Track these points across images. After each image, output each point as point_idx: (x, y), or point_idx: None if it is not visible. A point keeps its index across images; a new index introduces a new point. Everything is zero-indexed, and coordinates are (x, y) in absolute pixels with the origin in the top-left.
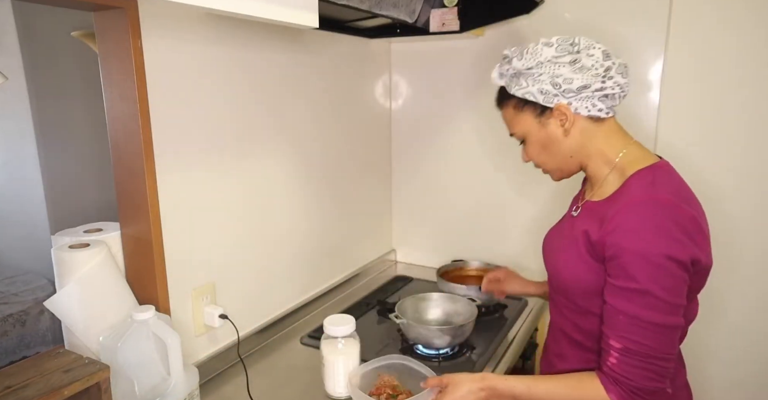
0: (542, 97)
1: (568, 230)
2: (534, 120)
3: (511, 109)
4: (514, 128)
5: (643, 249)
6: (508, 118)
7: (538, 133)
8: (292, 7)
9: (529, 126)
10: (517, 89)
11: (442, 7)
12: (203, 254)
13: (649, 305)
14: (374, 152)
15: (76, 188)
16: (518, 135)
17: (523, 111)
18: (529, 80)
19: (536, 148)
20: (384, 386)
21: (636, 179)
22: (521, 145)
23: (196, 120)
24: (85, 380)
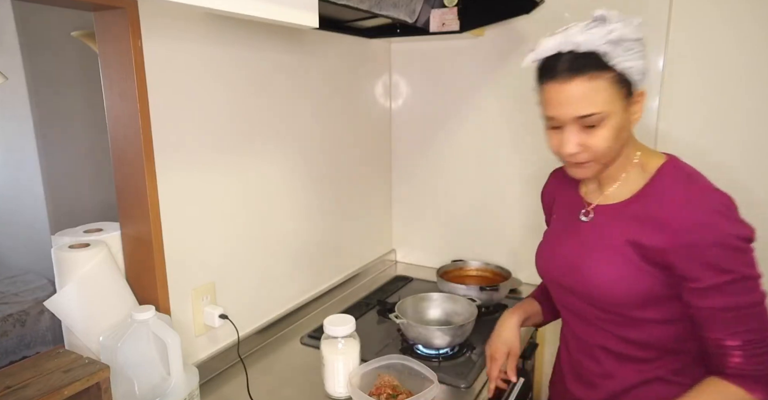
0: (639, 78)
1: (596, 240)
2: (622, 101)
3: (601, 82)
4: (599, 107)
5: (724, 239)
6: (589, 94)
7: (622, 116)
8: (292, 7)
9: (618, 107)
10: (621, 61)
11: (442, 7)
12: (203, 254)
13: (749, 289)
14: (374, 152)
15: (76, 188)
16: (599, 117)
17: (616, 88)
18: (632, 54)
19: (613, 134)
20: (384, 386)
21: (668, 176)
22: (582, 129)
23: (196, 120)
24: (85, 380)
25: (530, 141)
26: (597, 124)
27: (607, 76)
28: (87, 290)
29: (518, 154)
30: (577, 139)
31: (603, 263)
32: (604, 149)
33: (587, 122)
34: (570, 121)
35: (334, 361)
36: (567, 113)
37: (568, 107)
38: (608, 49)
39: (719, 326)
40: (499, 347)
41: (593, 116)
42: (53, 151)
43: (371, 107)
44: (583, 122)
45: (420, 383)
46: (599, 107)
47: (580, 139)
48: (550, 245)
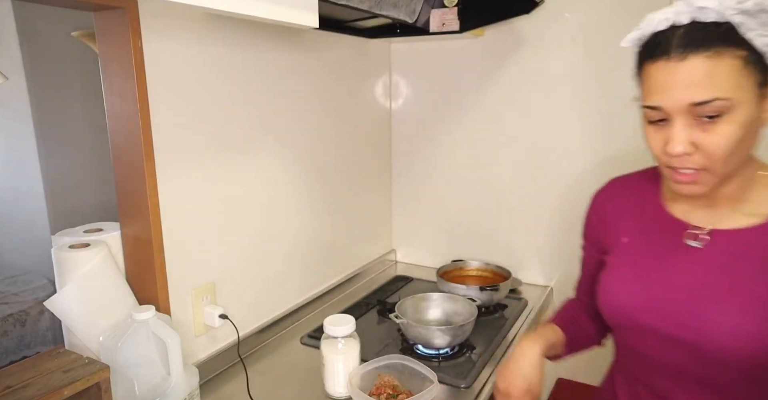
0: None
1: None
2: (755, 90)
3: (729, 61)
4: (725, 91)
5: None
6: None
7: (753, 110)
8: (292, 7)
9: (748, 95)
10: (760, 35)
11: (442, 7)
12: (203, 254)
13: None
14: (374, 152)
15: (76, 188)
16: (724, 105)
17: (748, 72)
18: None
19: (740, 132)
20: (384, 386)
21: None
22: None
23: (197, 120)
24: (85, 380)
25: (530, 141)
26: (718, 115)
27: (737, 54)
28: (87, 290)
29: (518, 154)
30: (690, 136)
31: (740, 310)
32: (724, 152)
33: (705, 112)
34: (681, 111)
35: (334, 361)
36: (678, 100)
37: (679, 92)
38: (742, 19)
39: None
40: (518, 384)
41: (714, 103)
42: (53, 151)
43: (371, 107)
44: (698, 112)
45: (420, 383)
46: (723, 92)
47: (693, 136)
48: (631, 276)
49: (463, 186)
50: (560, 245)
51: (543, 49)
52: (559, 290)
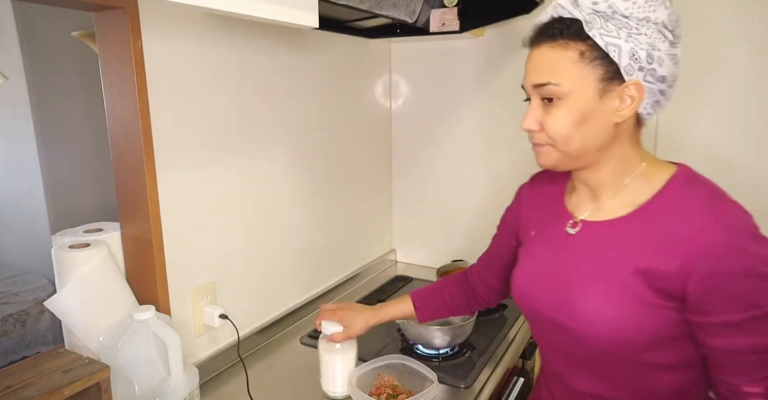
0: (627, 62)
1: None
2: (596, 83)
3: (570, 53)
4: (559, 77)
5: (756, 268)
6: (553, 62)
7: (590, 100)
8: (292, 7)
9: (585, 86)
10: (602, 34)
11: (442, 7)
12: (203, 254)
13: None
14: (374, 152)
15: (76, 188)
16: (557, 90)
17: (587, 64)
18: (623, 32)
19: (573, 118)
20: (384, 386)
21: (682, 188)
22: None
23: (197, 120)
24: (85, 380)
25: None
26: (554, 99)
27: (576, 48)
28: (87, 290)
29: (518, 154)
30: (538, 116)
31: (602, 296)
32: (560, 133)
33: (544, 93)
34: (531, 91)
35: (331, 361)
36: (527, 80)
37: (530, 74)
38: (589, 17)
39: (738, 369)
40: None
41: (548, 86)
42: (53, 151)
43: (371, 107)
44: (541, 94)
45: (420, 383)
46: (557, 78)
47: (540, 116)
48: (529, 266)
49: (463, 186)
50: None
51: None
52: None
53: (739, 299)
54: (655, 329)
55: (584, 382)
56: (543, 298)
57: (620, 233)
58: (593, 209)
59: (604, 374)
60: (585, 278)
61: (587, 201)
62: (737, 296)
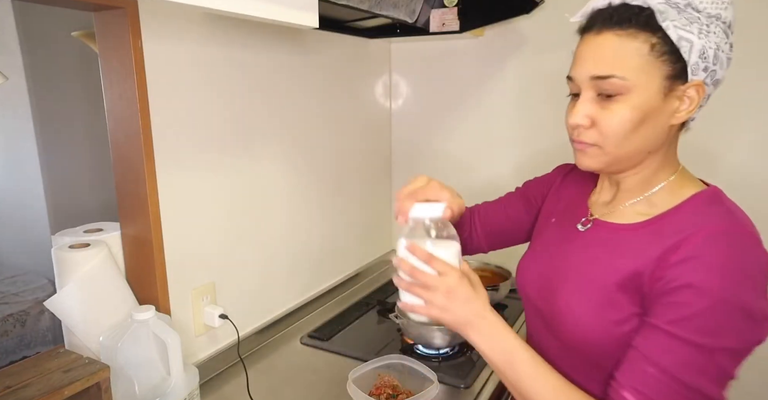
0: (695, 60)
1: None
2: (662, 80)
3: (639, 44)
4: (625, 70)
5: (720, 292)
6: (619, 52)
7: (653, 99)
8: (292, 7)
9: (651, 83)
10: (676, 27)
11: (442, 7)
12: (203, 254)
13: (696, 365)
14: (374, 152)
15: (76, 188)
16: (621, 84)
17: (657, 58)
18: (694, 27)
19: (634, 117)
20: (384, 386)
21: (701, 204)
22: (597, 99)
23: (197, 120)
24: (85, 380)
25: (531, 141)
26: (615, 94)
27: (647, 39)
28: (87, 290)
29: (518, 155)
30: (589, 111)
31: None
32: (616, 132)
33: (604, 87)
34: (586, 83)
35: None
36: (584, 71)
37: (587, 64)
38: (664, 8)
39: (633, 372)
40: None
41: (611, 80)
42: (53, 151)
43: (371, 107)
44: (599, 87)
45: (420, 383)
46: (622, 71)
47: (593, 111)
48: (536, 254)
49: (463, 186)
50: None
51: (543, 49)
52: None
53: (683, 312)
54: (616, 334)
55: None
56: (535, 283)
57: (622, 238)
58: (611, 210)
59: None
60: (573, 273)
61: (608, 201)
62: (685, 308)
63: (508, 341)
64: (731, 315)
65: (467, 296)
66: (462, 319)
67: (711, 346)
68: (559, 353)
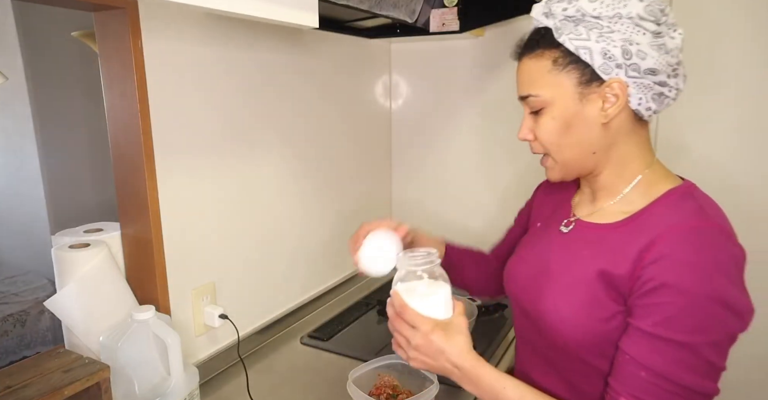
0: (601, 62)
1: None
2: (573, 87)
3: (545, 62)
4: (537, 89)
5: (695, 288)
6: (531, 73)
7: (570, 106)
8: (292, 7)
9: (563, 93)
10: (572, 39)
11: (442, 7)
12: (203, 254)
13: (685, 363)
14: (374, 152)
15: (76, 188)
16: (538, 100)
17: (563, 70)
18: (593, 33)
19: (557, 126)
20: (384, 386)
21: (675, 200)
22: (531, 114)
23: (197, 120)
24: (85, 380)
25: None
26: (540, 109)
27: (551, 55)
28: (87, 290)
29: (518, 155)
30: (529, 125)
31: (563, 289)
32: (549, 141)
33: (530, 105)
34: (522, 104)
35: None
36: (521, 93)
37: (517, 87)
38: (559, 24)
39: (626, 378)
40: None
41: (530, 99)
42: (53, 151)
43: (371, 107)
44: (528, 106)
45: (420, 383)
46: (536, 89)
47: (531, 125)
48: (522, 255)
49: (463, 185)
50: None
51: None
52: None
53: (664, 313)
54: (603, 332)
55: (544, 377)
56: (521, 285)
57: (603, 237)
58: (592, 211)
59: (561, 372)
60: (557, 271)
61: (588, 202)
62: (665, 309)
63: (490, 383)
64: (710, 310)
65: (437, 348)
66: (438, 369)
67: (696, 342)
68: (548, 353)
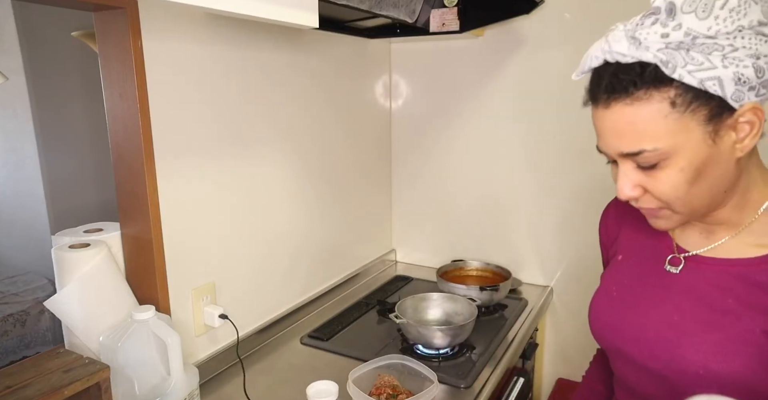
0: (734, 90)
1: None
2: (703, 127)
3: (657, 105)
4: (652, 141)
5: None
6: (638, 124)
7: (702, 150)
8: (292, 7)
9: (691, 138)
10: (693, 71)
11: (442, 7)
12: (203, 254)
13: None
14: (374, 152)
15: (76, 188)
16: (654, 155)
17: (684, 112)
18: (715, 57)
19: (686, 177)
20: (384, 386)
21: None
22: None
23: (197, 120)
24: (85, 380)
25: (530, 141)
26: (656, 163)
27: (663, 97)
28: (87, 290)
29: (518, 154)
30: (635, 180)
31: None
32: (674, 197)
33: (639, 161)
34: (618, 157)
35: None
36: (610, 148)
37: (610, 141)
38: (666, 56)
39: None
40: None
41: (644, 154)
42: (53, 151)
43: (371, 107)
44: (634, 161)
45: (420, 383)
46: (652, 142)
47: (640, 179)
48: (614, 296)
49: (463, 186)
50: (560, 245)
51: (543, 49)
52: (559, 290)
53: None
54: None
55: None
56: (632, 338)
57: (746, 278)
58: (708, 244)
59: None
60: (694, 325)
61: (699, 234)
62: None
63: None
64: None
65: None
66: None
67: None
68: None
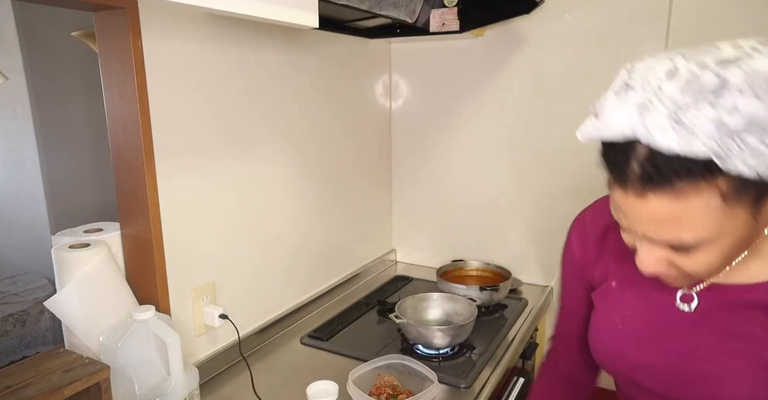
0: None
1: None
2: (747, 212)
3: (705, 199)
4: (693, 232)
5: None
6: (681, 214)
7: (743, 232)
8: (292, 7)
9: (737, 224)
10: (748, 163)
11: (442, 7)
12: (203, 254)
13: None
14: (374, 152)
15: (76, 188)
16: (695, 244)
17: (735, 203)
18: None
19: (724, 256)
20: (384, 386)
21: None
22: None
23: (197, 120)
24: (85, 380)
25: (530, 141)
26: (693, 249)
27: (715, 188)
28: (87, 290)
29: (518, 154)
30: (662, 256)
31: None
32: (707, 272)
33: (674, 246)
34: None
35: None
36: (638, 231)
37: (642, 227)
38: (721, 146)
39: None
40: None
41: (686, 241)
42: (53, 151)
43: (371, 107)
44: (669, 245)
45: (420, 383)
46: (693, 234)
47: (666, 255)
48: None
49: (463, 186)
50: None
51: (543, 49)
52: (559, 290)
53: None
54: None
55: None
56: (645, 366)
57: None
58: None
59: None
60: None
61: None
62: None
63: None
64: None
65: None
66: None
67: None
68: None
